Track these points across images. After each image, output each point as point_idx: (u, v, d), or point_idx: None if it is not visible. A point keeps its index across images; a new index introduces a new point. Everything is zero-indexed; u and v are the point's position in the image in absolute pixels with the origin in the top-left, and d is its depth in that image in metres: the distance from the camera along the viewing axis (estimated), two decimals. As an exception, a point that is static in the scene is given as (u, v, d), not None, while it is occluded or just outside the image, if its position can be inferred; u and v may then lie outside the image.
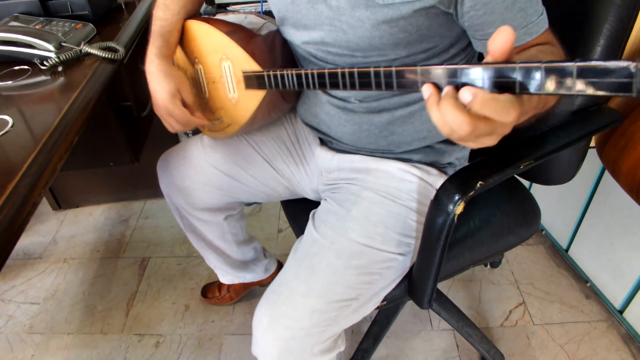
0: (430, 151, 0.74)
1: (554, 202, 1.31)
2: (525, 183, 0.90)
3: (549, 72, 0.32)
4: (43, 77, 0.80)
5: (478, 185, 0.58)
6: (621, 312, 1.14)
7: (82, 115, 0.69)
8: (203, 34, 0.74)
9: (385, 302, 0.75)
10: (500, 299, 1.25)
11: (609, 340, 1.12)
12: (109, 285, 1.38)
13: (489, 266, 1.33)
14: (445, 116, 0.36)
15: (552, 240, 1.37)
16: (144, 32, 1.01)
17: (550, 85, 0.32)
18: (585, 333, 1.14)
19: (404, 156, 0.74)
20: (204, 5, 1.43)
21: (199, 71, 0.78)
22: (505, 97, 0.35)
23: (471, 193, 0.58)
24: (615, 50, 0.65)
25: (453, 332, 1.17)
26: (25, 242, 1.56)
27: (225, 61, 0.71)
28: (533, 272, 1.31)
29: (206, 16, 0.80)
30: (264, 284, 1.23)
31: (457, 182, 0.60)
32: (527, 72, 0.33)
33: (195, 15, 0.79)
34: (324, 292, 0.65)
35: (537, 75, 0.32)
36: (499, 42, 0.34)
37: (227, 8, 1.50)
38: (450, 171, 0.77)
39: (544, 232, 1.41)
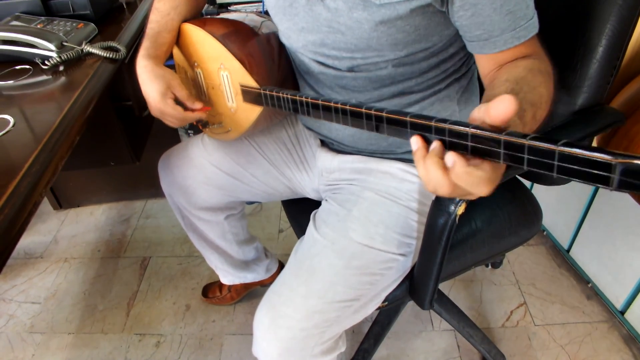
0: (431, 151, 0.74)
1: (555, 203, 1.31)
2: (527, 183, 0.90)
3: (532, 151, 0.32)
4: (44, 77, 0.80)
5: (479, 185, 0.58)
6: (622, 312, 1.14)
7: (83, 114, 0.70)
8: (199, 40, 0.73)
9: (386, 303, 0.75)
10: (501, 299, 1.25)
11: (610, 341, 1.12)
12: (109, 284, 1.38)
13: (490, 267, 1.32)
14: (429, 174, 0.37)
15: (554, 241, 1.37)
16: (145, 31, 1.01)
17: (532, 163, 0.32)
18: (587, 334, 1.14)
19: (404, 156, 0.74)
20: (205, 5, 1.43)
21: (199, 75, 0.77)
22: (480, 174, 0.35)
23: (472, 193, 0.58)
24: (617, 51, 0.65)
25: (454, 333, 1.17)
26: (26, 241, 1.57)
27: (224, 71, 0.70)
28: (534, 273, 1.31)
29: (207, 16, 0.79)
30: (265, 284, 1.23)
31: (459, 182, 0.60)
32: (511, 147, 0.33)
33: (195, 16, 0.78)
34: (324, 293, 0.65)
35: (521, 152, 0.33)
36: (500, 110, 0.34)
37: (229, 8, 1.50)
38: (452, 171, 0.77)
39: (545, 233, 1.40)
